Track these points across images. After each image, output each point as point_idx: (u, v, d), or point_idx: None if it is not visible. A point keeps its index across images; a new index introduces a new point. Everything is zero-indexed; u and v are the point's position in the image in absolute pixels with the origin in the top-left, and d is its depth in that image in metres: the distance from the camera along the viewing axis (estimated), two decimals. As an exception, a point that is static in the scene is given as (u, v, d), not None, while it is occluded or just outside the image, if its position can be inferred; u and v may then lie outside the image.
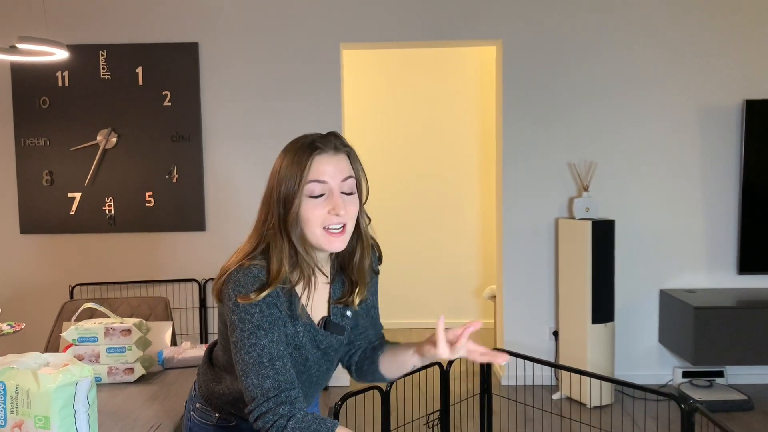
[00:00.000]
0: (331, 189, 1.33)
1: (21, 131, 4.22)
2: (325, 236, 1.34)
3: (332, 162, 1.34)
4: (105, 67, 4.20)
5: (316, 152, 1.34)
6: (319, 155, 1.34)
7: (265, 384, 1.30)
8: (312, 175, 1.32)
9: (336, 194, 1.33)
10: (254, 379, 1.31)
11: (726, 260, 4.20)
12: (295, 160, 1.33)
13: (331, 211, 1.33)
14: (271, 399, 1.29)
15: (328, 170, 1.33)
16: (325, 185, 1.33)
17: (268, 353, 1.31)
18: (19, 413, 1.55)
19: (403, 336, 5.53)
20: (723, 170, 4.16)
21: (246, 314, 1.32)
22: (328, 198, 1.33)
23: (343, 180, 1.35)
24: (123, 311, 2.79)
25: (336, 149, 1.36)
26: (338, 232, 1.35)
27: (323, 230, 1.34)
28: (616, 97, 4.16)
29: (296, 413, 1.30)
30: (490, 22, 4.16)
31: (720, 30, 4.10)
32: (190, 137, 4.22)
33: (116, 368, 2.15)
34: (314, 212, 1.33)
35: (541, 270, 4.25)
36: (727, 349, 3.70)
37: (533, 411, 3.76)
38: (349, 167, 1.38)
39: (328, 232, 1.34)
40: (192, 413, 1.58)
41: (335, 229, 1.34)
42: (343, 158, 1.38)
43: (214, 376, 1.51)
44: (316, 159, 1.33)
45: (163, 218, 4.26)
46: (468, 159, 5.75)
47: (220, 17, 4.19)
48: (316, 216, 1.33)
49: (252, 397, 1.31)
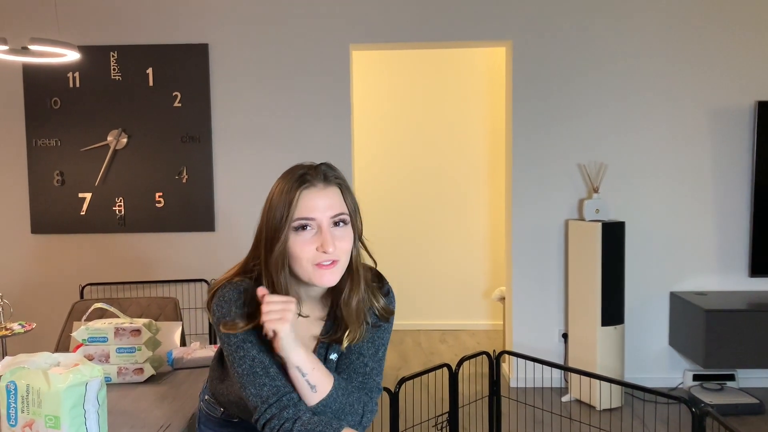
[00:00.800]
0: (320, 225, 1.29)
1: (32, 132, 4.25)
2: (316, 271, 1.30)
3: (321, 196, 1.30)
4: (116, 68, 4.22)
5: (303, 186, 1.29)
6: (307, 190, 1.30)
7: (263, 392, 1.31)
8: (299, 213, 1.29)
9: (325, 230, 1.29)
10: (252, 389, 1.31)
11: (737, 263, 4.17)
12: (284, 193, 1.30)
13: (319, 248, 1.29)
14: (273, 405, 1.30)
15: (318, 205, 1.29)
16: (313, 221, 1.29)
17: (260, 362, 1.32)
18: (29, 413, 1.55)
19: (412, 338, 5.53)
20: (735, 172, 4.13)
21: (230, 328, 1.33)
22: (317, 234, 1.29)
23: (333, 215, 1.30)
24: (133, 311, 2.80)
25: (326, 182, 1.32)
26: (328, 265, 1.30)
27: (313, 266, 1.30)
28: (627, 97, 4.14)
29: (301, 415, 1.30)
30: (499, 23, 4.15)
31: (731, 31, 4.07)
32: (200, 138, 4.24)
33: (126, 368, 2.15)
34: (303, 249, 1.29)
35: (550, 272, 4.24)
36: (739, 352, 3.67)
37: (542, 413, 3.75)
38: (340, 201, 1.33)
39: (319, 266, 1.30)
40: (201, 403, 1.62)
41: (326, 263, 1.30)
42: (334, 191, 1.33)
43: (220, 374, 1.53)
44: (303, 194, 1.29)
45: (173, 219, 4.28)
46: (477, 160, 5.74)
47: (230, 19, 4.20)
48: (305, 252, 1.29)
49: (254, 407, 1.32)
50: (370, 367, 1.43)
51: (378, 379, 1.45)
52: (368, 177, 5.74)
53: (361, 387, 1.41)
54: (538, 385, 4.22)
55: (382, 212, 5.76)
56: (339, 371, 1.42)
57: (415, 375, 2.62)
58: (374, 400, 1.43)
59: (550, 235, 4.22)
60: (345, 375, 1.42)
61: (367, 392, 1.41)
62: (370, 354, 1.43)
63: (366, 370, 1.43)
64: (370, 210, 5.73)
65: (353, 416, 1.36)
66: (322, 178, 1.31)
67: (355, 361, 1.43)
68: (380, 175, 5.77)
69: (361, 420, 1.38)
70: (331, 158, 4.24)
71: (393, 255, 5.72)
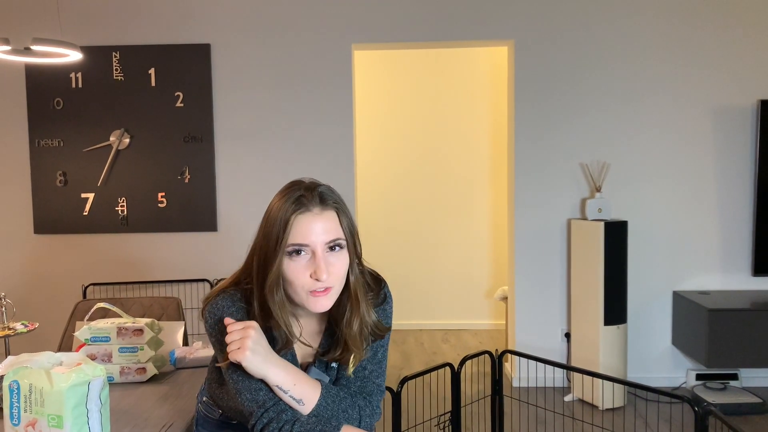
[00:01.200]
0: (315, 250, 1.27)
1: (35, 132, 4.26)
2: (310, 298, 1.29)
3: (317, 221, 1.27)
4: (118, 68, 4.22)
5: (299, 211, 1.27)
6: (303, 215, 1.27)
7: (258, 397, 1.30)
8: (293, 238, 1.26)
9: (319, 256, 1.27)
10: (247, 394, 1.31)
11: (740, 262, 4.16)
12: (280, 215, 1.27)
13: (313, 275, 1.27)
14: (270, 408, 1.29)
15: (313, 230, 1.26)
16: (307, 247, 1.27)
17: None
18: (32, 412, 1.56)
19: (414, 337, 5.53)
20: (737, 171, 4.13)
21: (222, 336, 1.33)
22: (311, 260, 1.27)
23: (328, 241, 1.28)
24: (135, 311, 2.80)
25: (323, 206, 1.29)
26: (322, 292, 1.29)
27: (307, 293, 1.28)
28: (629, 97, 4.13)
29: (299, 416, 1.30)
30: (501, 22, 4.15)
31: (733, 30, 4.07)
32: (203, 138, 4.24)
33: (128, 368, 2.16)
34: (297, 275, 1.27)
35: (553, 271, 4.23)
36: (742, 351, 3.66)
37: (545, 413, 3.75)
38: (336, 225, 1.30)
39: (313, 293, 1.28)
40: (199, 405, 1.62)
41: (319, 290, 1.29)
42: (331, 216, 1.29)
43: (218, 377, 1.52)
44: (298, 219, 1.26)
45: (176, 219, 4.28)
46: (479, 159, 5.74)
47: (232, 19, 4.21)
48: (299, 279, 1.27)
49: (250, 412, 1.31)
50: (368, 369, 1.42)
51: (378, 381, 1.44)
52: (370, 177, 5.74)
53: (359, 390, 1.40)
54: (540, 385, 4.21)
55: (384, 212, 5.76)
56: (338, 376, 1.42)
57: (417, 374, 2.63)
58: (374, 402, 1.42)
59: (552, 235, 4.22)
60: (343, 380, 1.41)
61: (365, 395, 1.40)
62: (368, 357, 1.42)
63: (365, 373, 1.42)
64: (372, 210, 5.73)
65: (349, 421, 1.35)
66: (318, 202, 1.28)
67: (362, 373, 1.43)
68: (382, 175, 5.77)
69: (359, 424, 1.37)
70: (332, 158, 4.26)
71: (395, 255, 5.72)
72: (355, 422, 1.37)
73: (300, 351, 1.42)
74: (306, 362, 1.43)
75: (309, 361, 1.43)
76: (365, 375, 1.42)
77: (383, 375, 1.46)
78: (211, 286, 4.28)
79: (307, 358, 1.43)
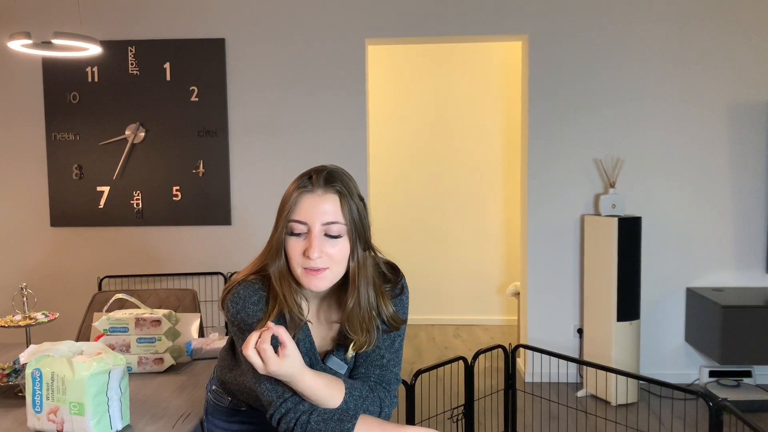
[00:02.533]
0: (311, 229, 1.30)
1: (51, 126, 4.30)
2: (304, 275, 1.32)
3: (316, 203, 1.30)
4: (134, 62, 4.26)
5: (304, 189, 1.31)
6: (305, 194, 1.31)
7: (278, 387, 1.32)
8: (292, 214, 1.30)
9: (313, 236, 1.29)
10: (267, 383, 1.33)
11: (754, 258, 4.14)
12: (288, 192, 1.33)
13: (304, 253, 1.30)
14: (288, 399, 1.32)
15: (310, 211, 1.30)
16: (304, 225, 1.30)
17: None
18: (54, 399, 1.58)
19: (426, 332, 5.54)
20: (751, 167, 4.10)
21: (244, 324, 1.35)
22: (306, 239, 1.30)
23: (325, 223, 1.30)
24: (152, 303, 2.83)
25: (326, 188, 1.31)
26: (314, 271, 1.31)
27: (302, 269, 1.31)
28: (643, 93, 4.11)
29: (317, 408, 1.32)
30: (515, 17, 4.14)
31: (746, 27, 4.04)
32: (217, 132, 4.27)
33: (146, 358, 2.18)
34: (293, 250, 1.32)
35: (565, 267, 4.23)
36: (756, 348, 3.64)
37: (558, 407, 3.75)
38: (336, 209, 1.31)
39: (306, 270, 1.31)
40: (209, 394, 1.64)
41: (312, 268, 1.31)
42: (331, 199, 1.31)
43: (230, 362, 1.54)
44: (300, 198, 1.31)
45: (190, 212, 4.31)
46: (493, 154, 5.73)
47: (246, 13, 4.23)
48: (294, 254, 1.31)
49: (269, 401, 1.33)
50: (387, 358, 1.44)
51: (396, 370, 1.46)
52: (383, 171, 5.75)
53: (379, 381, 1.42)
54: (553, 380, 4.22)
55: (397, 207, 5.77)
56: (357, 365, 1.44)
57: (431, 367, 2.64)
58: (393, 392, 1.44)
59: (565, 230, 4.21)
60: (363, 368, 1.43)
61: (384, 386, 1.42)
62: (386, 346, 1.44)
63: (383, 362, 1.44)
64: (384, 204, 5.74)
65: (371, 414, 1.38)
66: (322, 184, 1.31)
67: (371, 353, 1.44)
68: (395, 170, 5.78)
69: (379, 414, 1.39)
70: (346, 152, 4.27)
71: (407, 250, 5.73)
72: (376, 414, 1.39)
73: (318, 339, 1.44)
74: (324, 350, 1.44)
75: (328, 349, 1.45)
76: (383, 364, 1.44)
77: (400, 364, 1.48)
78: (225, 279, 4.31)
79: (325, 347, 1.45)
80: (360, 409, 1.36)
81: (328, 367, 1.42)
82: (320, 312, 1.44)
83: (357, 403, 1.36)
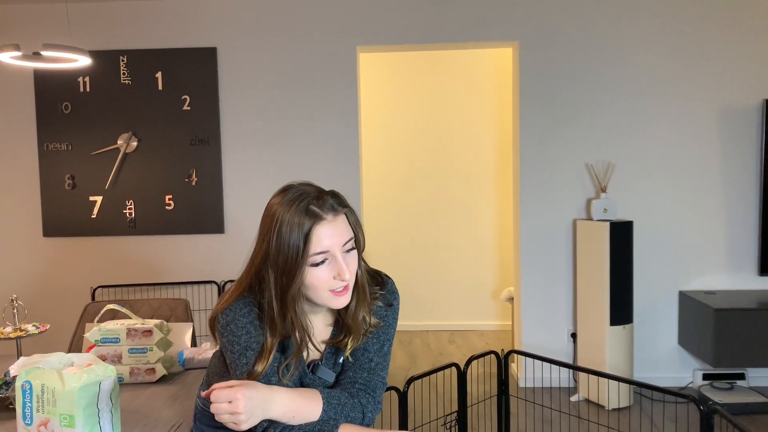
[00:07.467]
0: (334, 255, 1.32)
1: (44, 136, 4.30)
2: (332, 297, 1.35)
3: (332, 227, 1.32)
4: (125, 72, 4.26)
5: (316, 222, 1.30)
6: (320, 224, 1.30)
7: None
8: (314, 248, 1.30)
9: (339, 259, 1.32)
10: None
11: (746, 261, 4.16)
12: (295, 227, 1.29)
13: (336, 276, 1.33)
14: None
15: (331, 239, 1.31)
16: (327, 253, 1.32)
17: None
18: (44, 412, 1.58)
19: (420, 338, 5.54)
20: (743, 170, 4.12)
21: (233, 336, 1.37)
22: (331, 263, 1.33)
23: (344, 243, 1.33)
24: (144, 312, 2.83)
25: (335, 212, 1.33)
26: (342, 291, 1.35)
27: (329, 292, 1.34)
28: (634, 97, 4.14)
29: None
30: (506, 24, 4.16)
31: (737, 29, 4.07)
32: (209, 141, 4.27)
33: (138, 368, 2.18)
34: (320, 279, 1.32)
35: (559, 272, 4.24)
36: (748, 351, 3.66)
37: (551, 413, 3.75)
38: (347, 227, 1.35)
39: (334, 292, 1.34)
40: (198, 400, 1.64)
41: (339, 289, 1.35)
42: (342, 219, 1.35)
43: (221, 369, 1.54)
44: (316, 229, 1.30)
45: (183, 221, 4.31)
46: (485, 160, 5.75)
47: (238, 22, 4.24)
48: (322, 282, 1.33)
49: None
50: (375, 362, 1.46)
51: (383, 374, 1.48)
52: (376, 178, 5.76)
53: (365, 385, 1.44)
54: (546, 385, 4.22)
55: (390, 213, 5.78)
56: (344, 369, 1.46)
57: (424, 374, 2.64)
58: (378, 397, 1.46)
59: (558, 235, 4.23)
60: (351, 372, 1.45)
61: (369, 391, 1.44)
62: (375, 350, 1.46)
63: (371, 365, 1.45)
64: (377, 211, 5.75)
65: (353, 421, 1.39)
66: (329, 209, 1.32)
67: (360, 357, 1.46)
68: (388, 176, 5.79)
69: (362, 420, 1.41)
70: (338, 159, 4.28)
71: (401, 256, 5.74)
72: (358, 421, 1.40)
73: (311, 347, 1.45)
74: (313, 360, 1.45)
75: (316, 358, 1.46)
76: (371, 367, 1.46)
77: (387, 368, 1.50)
78: (218, 287, 4.30)
79: (314, 356, 1.46)
80: (341, 416, 1.37)
81: (317, 377, 1.43)
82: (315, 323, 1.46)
83: (337, 410, 1.37)
